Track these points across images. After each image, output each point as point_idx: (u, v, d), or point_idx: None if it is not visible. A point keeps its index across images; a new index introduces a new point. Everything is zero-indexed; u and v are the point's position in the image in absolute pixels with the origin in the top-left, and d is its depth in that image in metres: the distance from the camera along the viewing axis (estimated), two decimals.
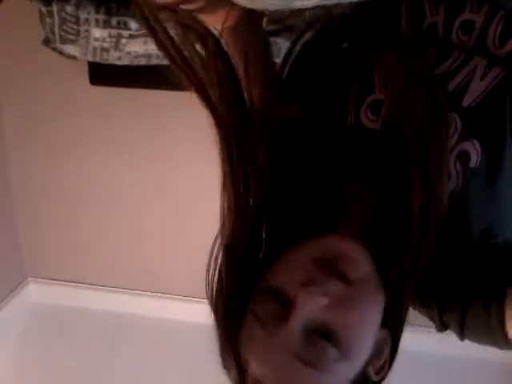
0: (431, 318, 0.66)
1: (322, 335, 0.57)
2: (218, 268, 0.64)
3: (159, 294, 2.13)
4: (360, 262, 0.61)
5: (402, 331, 0.65)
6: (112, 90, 1.75)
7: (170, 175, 1.96)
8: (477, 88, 0.66)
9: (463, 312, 0.61)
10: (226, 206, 0.65)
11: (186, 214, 2.01)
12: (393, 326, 0.64)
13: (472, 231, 0.64)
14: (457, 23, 0.70)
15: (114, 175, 2.00)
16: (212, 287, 0.64)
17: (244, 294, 0.62)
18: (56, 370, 1.96)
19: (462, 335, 0.63)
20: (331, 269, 0.59)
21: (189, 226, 2.02)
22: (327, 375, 0.57)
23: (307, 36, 0.76)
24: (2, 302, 2.07)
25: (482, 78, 0.67)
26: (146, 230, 2.06)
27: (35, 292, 2.20)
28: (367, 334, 0.60)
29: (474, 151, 0.64)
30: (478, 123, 0.65)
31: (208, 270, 0.65)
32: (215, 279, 0.64)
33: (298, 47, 0.76)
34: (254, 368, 0.58)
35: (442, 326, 0.65)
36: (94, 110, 1.91)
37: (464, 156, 0.64)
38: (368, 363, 0.61)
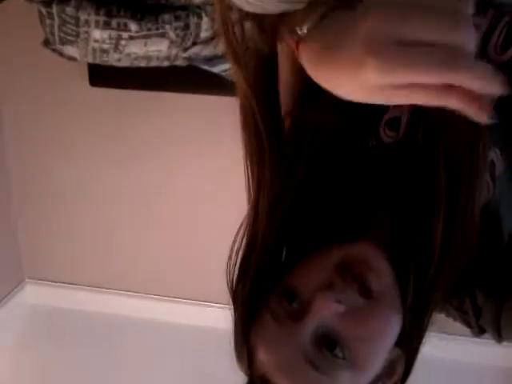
0: (467, 324, 0.66)
1: (330, 342, 0.58)
2: (239, 260, 0.65)
3: (157, 297, 2.12)
4: (383, 272, 0.61)
5: (417, 353, 0.64)
6: (112, 91, 1.75)
7: (170, 177, 1.96)
8: None
9: (497, 313, 0.60)
10: (253, 202, 0.65)
11: (185, 215, 2.00)
12: (408, 347, 0.63)
13: (503, 233, 0.64)
14: None
15: (113, 177, 1.99)
16: (232, 277, 0.65)
17: (263, 288, 0.63)
18: (53, 372, 1.95)
19: (499, 337, 0.62)
20: (353, 276, 0.59)
21: (188, 227, 2.01)
22: (328, 380, 0.58)
23: None
24: None
25: None
26: (145, 232, 2.06)
27: (32, 294, 2.19)
28: (378, 350, 0.60)
29: (497, 159, 0.64)
30: (495, 131, 0.64)
31: (229, 260, 0.65)
32: (236, 270, 0.65)
33: None
34: (262, 355, 0.59)
35: (480, 331, 0.65)
36: (93, 112, 1.91)
37: (491, 165, 0.63)
38: (378, 379, 0.61)
